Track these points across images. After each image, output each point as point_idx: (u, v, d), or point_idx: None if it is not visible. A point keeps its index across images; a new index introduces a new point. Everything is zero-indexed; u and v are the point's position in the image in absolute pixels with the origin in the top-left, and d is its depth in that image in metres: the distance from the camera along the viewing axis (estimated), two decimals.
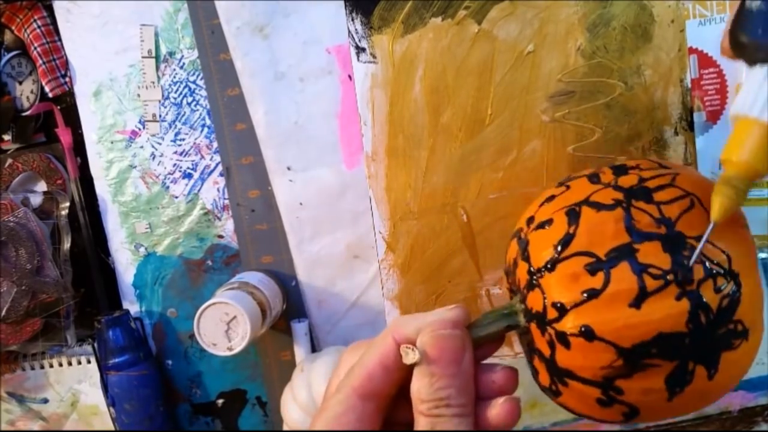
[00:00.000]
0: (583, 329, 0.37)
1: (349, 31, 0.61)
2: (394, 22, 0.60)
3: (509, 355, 0.66)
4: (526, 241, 0.42)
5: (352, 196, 0.69)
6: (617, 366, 0.37)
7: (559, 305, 0.38)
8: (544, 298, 0.39)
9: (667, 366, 0.37)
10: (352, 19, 0.61)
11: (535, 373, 0.43)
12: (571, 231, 0.39)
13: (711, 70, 0.63)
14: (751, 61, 0.36)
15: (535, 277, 0.40)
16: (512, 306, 0.42)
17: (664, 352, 0.37)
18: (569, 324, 0.38)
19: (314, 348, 0.72)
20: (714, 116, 0.64)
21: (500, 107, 0.60)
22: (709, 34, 0.63)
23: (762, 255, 0.66)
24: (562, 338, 0.38)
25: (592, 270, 0.38)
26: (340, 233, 0.70)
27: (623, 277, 0.37)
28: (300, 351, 0.71)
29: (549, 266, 0.39)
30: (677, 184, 0.40)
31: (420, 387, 0.36)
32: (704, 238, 0.37)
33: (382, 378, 0.37)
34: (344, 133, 0.68)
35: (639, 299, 0.36)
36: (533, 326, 0.40)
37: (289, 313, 0.72)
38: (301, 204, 0.70)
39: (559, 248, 0.39)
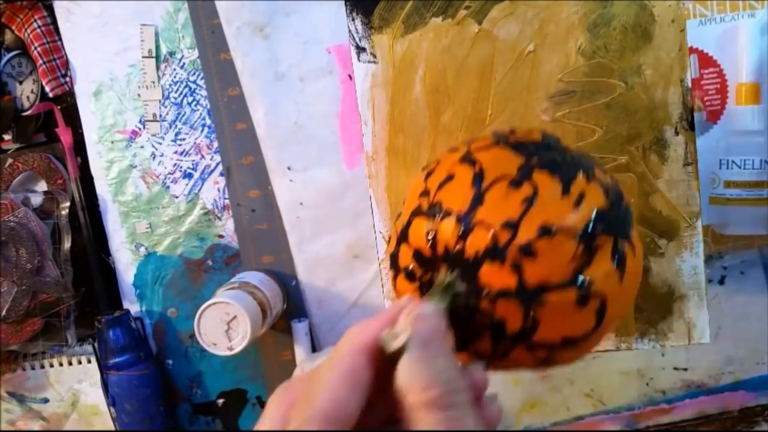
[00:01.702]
0: (541, 230, 0.38)
1: (350, 31, 0.61)
2: (395, 22, 0.60)
3: None
4: (437, 202, 0.41)
5: (353, 196, 0.69)
6: (579, 254, 0.38)
7: (507, 224, 0.38)
8: (489, 228, 0.38)
9: (607, 243, 0.39)
10: (353, 19, 0.61)
11: (500, 328, 0.40)
12: (477, 169, 0.41)
13: (711, 69, 0.63)
14: None
15: (465, 221, 0.39)
16: (443, 277, 0.40)
17: (603, 228, 0.39)
18: (527, 233, 0.38)
19: (314, 348, 0.72)
20: (714, 116, 0.64)
21: (500, 107, 0.60)
22: (709, 34, 0.63)
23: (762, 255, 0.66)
24: (527, 250, 0.38)
25: (515, 184, 0.39)
26: (341, 233, 0.70)
27: (544, 178, 0.40)
28: (300, 351, 0.71)
29: (474, 204, 0.40)
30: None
31: (416, 374, 0.30)
32: None
33: (354, 399, 0.30)
34: (344, 132, 0.68)
35: (565, 189, 0.39)
36: (486, 268, 0.38)
37: (289, 312, 0.72)
38: (301, 204, 0.70)
39: (476, 186, 0.40)
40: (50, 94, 0.73)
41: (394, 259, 0.45)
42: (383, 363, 0.31)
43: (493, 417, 0.34)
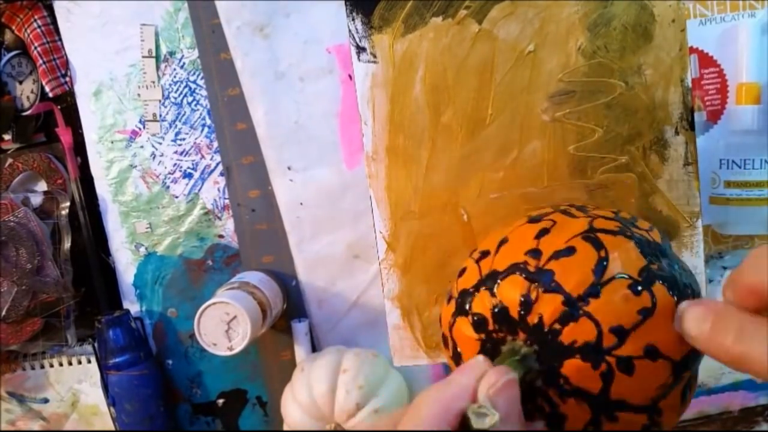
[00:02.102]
0: (647, 349, 0.37)
1: (350, 31, 0.61)
2: (395, 22, 0.60)
3: None
4: (548, 271, 0.39)
5: (353, 196, 0.69)
6: (668, 383, 0.37)
7: (618, 329, 0.37)
8: (598, 324, 0.37)
9: (686, 378, 0.38)
10: (353, 19, 0.61)
11: (559, 422, 0.39)
12: (602, 255, 0.39)
13: (711, 69, 0.63)
14: None
15: (576, 306, 0.38)
16: (517, 350, 0.39)
17: (692, 362, 0.38)
18: (632, 347, 0.37)
19: (314, 348, 0.72)
20: (714, 116, 0.64)
21: (501, 107, 0.60)
22: (709, 33, 0.63)
23: None
24: (625, 364, 0.37)
25: (635, 291, 0.37)
26: (341, 233, 0.70)
27: (662, 293, 0.37)
28: (300, 351, 0.71)
29: (593, 292, 0.38)
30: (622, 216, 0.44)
31: None
32: None
33: None
34: (344, 132, 0.68)
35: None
36: (573, 362, 0.37)
37: (289, 312, 0.72)
38: (301, 204, 0.70)
39: (598, 273, 0.38)
40: (50, 94, 0.73)
41: (466, 297, 0.43)
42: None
43: None
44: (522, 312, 0.39)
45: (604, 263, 0.38)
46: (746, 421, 0.72)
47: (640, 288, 0.37)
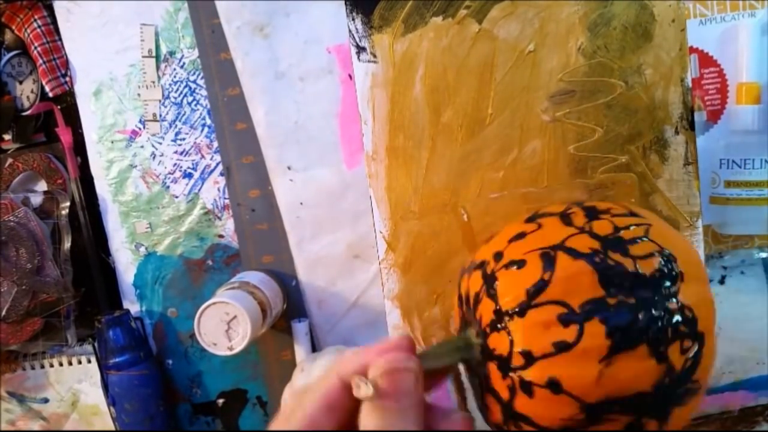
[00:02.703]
0: (549, 381, 0.37)
1: (350, 31, 0.61)
2: (395, 22, 0.60)
3: None
4: (494, 277, 0.40)
5: (353, 196, 0.69)
6: (578, 419, 0.37)
7: (526, 353, 0.37)
8: (511, 343, 0.38)
9: (623, 420, 0.37)
10: (353, 19, 0.61)
11: (484, 409, 0.42)
12: (545, 277, 0.38)
13: (711, 69, 0.63)
14: None
15: (502, 319, 0.38)
16: (468, 339, 0.41)
17: (625, 408, 0.37)
18: (535, 374, 0.37)
19: (314, 348, 0.72)
20: (714, 116, 0.64)
21: (501, 107, 0.60)
22: (709, 33, 0.63)
23: (762, 255, 0.66)
24: (526, 387, 0.38)
25: (564, 321, 0.37)
26: (341, 233, 0.70)
27: (596, 332, 0.36)
28: (300, 351, 0.71)
29: (519, 311, 0.38)
30: (651, 237, 0.40)
31: (371, 422, 0.34)
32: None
33: (326, 420, 0.35)
34: (344, 132, 0.68)
35: (610, 356, 0.36)
36: (492, 366, 0.39)
37: (289, 312, 0.72)
38: (301, 203, 0.70)
39: (532, 293, 0.38)
40: (50, 94, 0.73)
41: (469, 270, 0.45)
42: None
43: (457, 425, 0.37)
44: (472, 306, 0.42)
45: (543, 285, 0.38)
46: (746, 421, 0.72)
47: (570, 320, 0.37)
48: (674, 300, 0.38)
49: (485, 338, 0.40)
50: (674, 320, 0.37)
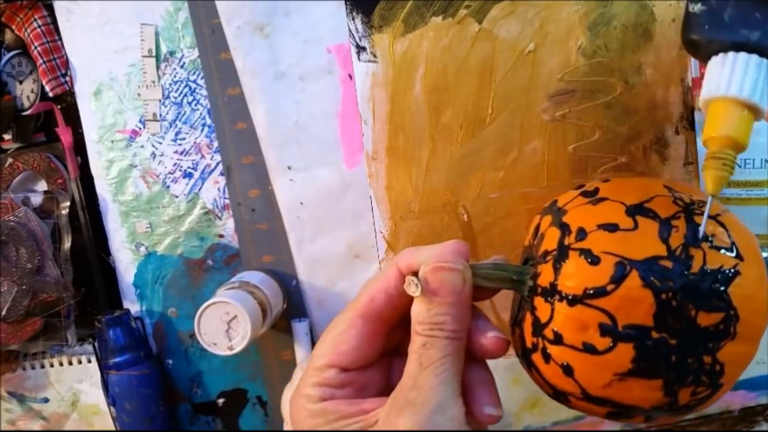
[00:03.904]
0: (565, 365, 0.40)
1: (350, 31, 0.61)
2: (395, 21, 0.60)
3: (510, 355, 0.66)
4: (566, 254, 0.41)
5: (353, 196, 0.69)
6: (577, 396, 0.41)
7: (558, 335, 0.40)
8: (551, 318, 0.40)
9: (609, 410, 0.42)
10: (353, 18, 0.61)
11: (511, 334, 0.46)
12: (609, 288, 0.38)
13: None
14: (707, 56, 0.40)
15: (554, 294, 0.40)
16: (523, 275, 0.43)
17: (618, 409, 0.40)
18: (557, 353, 0.40)
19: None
20: None
21: (501, 106, 0.60)
22: None
23: (763, 254, 0.66)
24: (546, 355, 0.41)
25: (603, 331, 0.38)
26: (341, 232, 0.70)
27: (625, 353, 0.38)
28: (300, 350, 0.71)
29: (570, 299, 0.39)
30: (732, 289, 0.39)
31: (419, 311, 0.39)
32: (705, 213, 0.39)
33: (383, 302, 0.41)
34: (345, 132, 0.68)
35: (626, 376, 0.38)
36: (527, 315, 0.43)
37: (289, 312, 0.72)
38: (301, 203, 0.70)
39: (590, 294, 0.39)
40: (50, 94, 0.73)
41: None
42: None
43: (489, 345, 0.42)
44: (539, 253, 0.44)
45: (603, 293, 0.39)
46: (746, 421, 0.72)
47: (608, 332, 0.38)
48: (711, 356, 0.38)
49: (533, 293, 0.42)
50: (701, 372, 0.38)
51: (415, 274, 0.39)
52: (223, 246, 0.73)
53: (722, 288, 0.38)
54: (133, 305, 0.75)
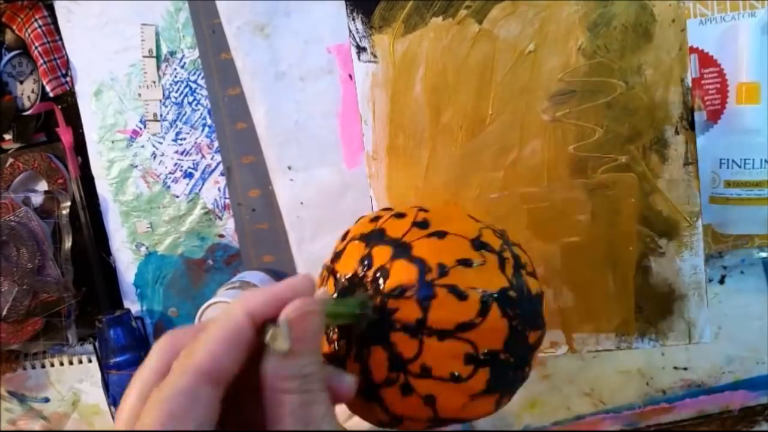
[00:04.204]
0: (427, 396, 0.41)
1: (350, 31, 0.61)
2: (395, 22, 0.60)
3: None
4: (433, 293, 0.41)
5: (353, 196, 0.69)
6: (427, 419, 0.42)
7: (426, 369, 0.40)
8: (418, 354, 0.40)
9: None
10: (353, 19, 0.61)
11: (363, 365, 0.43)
12: (476, 321, 0.40)
13: (711, 69, 0.63)
14: None
15: (422, 332, 0.40)
16: (365, 307, 0.41)
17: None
18: (421, 385, 0.40)
19: None
20: (714, 115, 0.64)
21: (501, 107, 0.60)
22: (709, 33, 0.63)
23: (762, 255, 0.66)
24: (407, 389, 0.41)
25: (467, 360, 0.40)
26: (341, 232, 0.70)
27: (482, 377, 0.41)
28: None
29: (440, 334, 0.40)
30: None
31: (282, 366, 0.32)
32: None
33: (230, 358, 0.32)
34: (345, 132, 0.68)
35: (477, 396, 0.41)
36: (378, 350, 0.41)
37: None
38: (301, 203, 0.70)
39: (461, 327, 0.40)
40: (51, 94, 0.73)
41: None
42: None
43: (344, 389, 0.37)
44: (386, 287, 0.42)
45: (472, 326, 0.40)
46: (746, 421, 0.72)
47: (472, 360, 0.41)
48: (529, 366, 0.45)
49: (390, 329, 0.41)
50: (522, 380, 0.45)
51: (261, 319, 0.33)
52: (223, 246, 0.73)
53: (540, 308, 0.44)
54: (133, 305, 0.76)
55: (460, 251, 0.43)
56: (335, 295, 0.44)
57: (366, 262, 0.44)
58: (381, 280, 0.42)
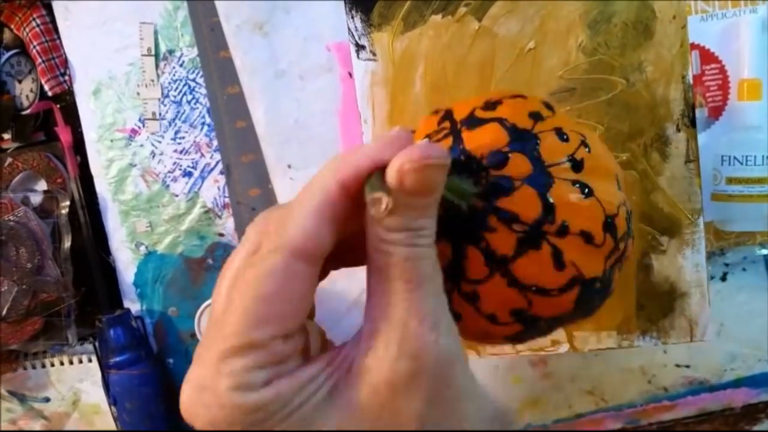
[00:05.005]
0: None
1: (349, 29, 0.61)
2: (394, 20, 0.60)
3: (511, 353, 0.66)
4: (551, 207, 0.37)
5: None
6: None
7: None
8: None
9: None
10: (352, 17, 0.60)
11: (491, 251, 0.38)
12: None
13: (713, 66, 0.63)
14: None
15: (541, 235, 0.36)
16: (465, 188, 0.37)
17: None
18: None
19: None
20: (716, 112, 0.63)
21: None
22: (711, 29, 0.62)
23: (764, 252, 0.66)
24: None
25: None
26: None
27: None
28: None
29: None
30: None
31: (391, 220, 0.30)
32: None
33: (323, 232, 0.30)
34: (345, 130, 0.68)
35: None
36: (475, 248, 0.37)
37: None
38: None
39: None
40: (49, 93, 0.72)
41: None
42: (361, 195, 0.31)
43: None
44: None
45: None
46: (748, 419, 0.71)
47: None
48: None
49: (487, 215, 0.37)
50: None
51: (379, 180, 0.30)
52: (223, 245, 0.73)
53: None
54: (133, 304, 0.75)
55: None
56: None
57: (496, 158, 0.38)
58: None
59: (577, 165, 0.38)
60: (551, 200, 0.36)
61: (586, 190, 0.37)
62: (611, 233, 0.38)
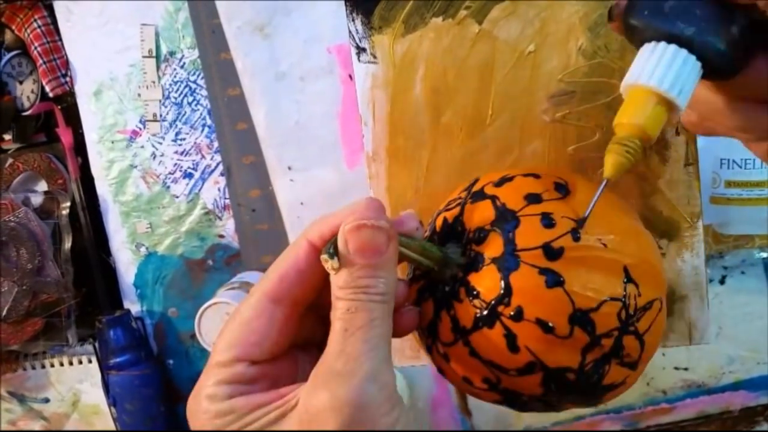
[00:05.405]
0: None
1: (350, 31, 0.61)
2: (395, 22, 0.60)
3: None
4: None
5: (353, 196, 0.68)
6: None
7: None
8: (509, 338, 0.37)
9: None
10: (353, 19, 0.61)
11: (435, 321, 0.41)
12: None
13: None
14: (640, 41, 0.39)
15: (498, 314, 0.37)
16: (449, 261, 0.40)
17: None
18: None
19: None
20: None
21: (501, 107, 0.59)
22: None
23: (763, 255, 0.66)
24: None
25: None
26: None
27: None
28: None
29: (514, 315, 0.37)
30: None
31: (340, 276, 0.35)
32: (596, 195, 0.41)
33: (294, 282, 0.36)
34: (345, 132, 0.68)
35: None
36: (463, 302, 0.39)
37: None
38: (302, 204, 0.70)
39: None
40: (50, 94, 0.73)
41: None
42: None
43: (408, 321, 0.40)
44: (480, 249, 0.40)
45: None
46: (747, 421, 0.72)
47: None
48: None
49: (460, 286, 0.39)
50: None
51: (333, 245, 0.35)
52: (223, 246, 0.73)
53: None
54: (133, 305, 0.76)
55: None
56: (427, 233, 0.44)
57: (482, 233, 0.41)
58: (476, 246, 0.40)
59: (552, 253, 0.38)
60: (510, 284, 0.37)
61: (553, 280, 0.37)
62: (582, 327, 0.37)
